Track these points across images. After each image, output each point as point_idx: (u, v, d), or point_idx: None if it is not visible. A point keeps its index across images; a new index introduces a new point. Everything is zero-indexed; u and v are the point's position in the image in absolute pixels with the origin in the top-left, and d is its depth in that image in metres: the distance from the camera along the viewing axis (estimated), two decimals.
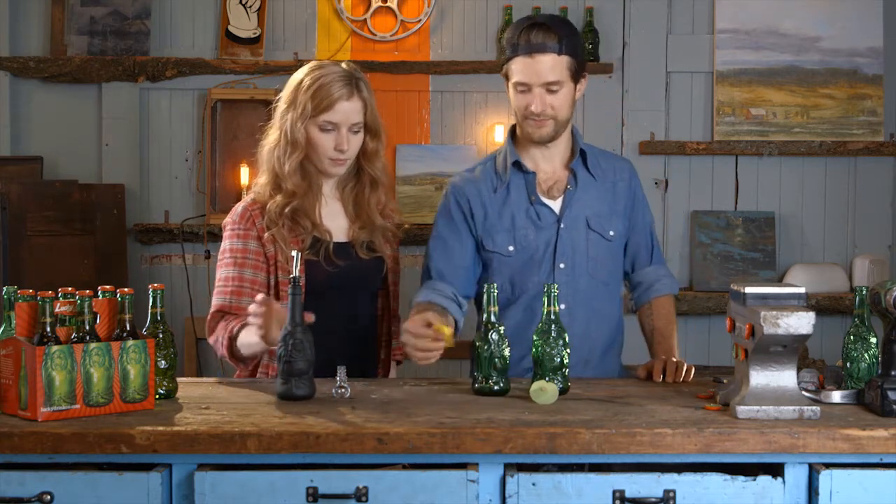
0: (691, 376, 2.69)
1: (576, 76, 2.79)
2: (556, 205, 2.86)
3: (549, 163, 2.88)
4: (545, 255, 2.83)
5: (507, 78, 2.82)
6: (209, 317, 2.73)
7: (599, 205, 2.87)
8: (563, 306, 2.77)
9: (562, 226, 2.83)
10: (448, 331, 2.50)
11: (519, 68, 2.76)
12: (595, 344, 2.87)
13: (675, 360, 2.70)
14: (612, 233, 2.88)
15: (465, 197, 2.88)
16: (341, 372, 2.44)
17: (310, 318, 2.40)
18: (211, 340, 2.73)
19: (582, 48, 2.83)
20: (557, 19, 2.83)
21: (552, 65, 2.74)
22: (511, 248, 2.84)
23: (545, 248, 2.83)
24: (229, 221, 2.78)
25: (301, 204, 2.74)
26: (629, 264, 2.97)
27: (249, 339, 2.54)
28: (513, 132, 2.92)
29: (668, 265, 3.07)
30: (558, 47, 2.74)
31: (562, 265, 2.83)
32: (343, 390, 2.43)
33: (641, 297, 2.97)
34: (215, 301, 2.74)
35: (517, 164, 2.86)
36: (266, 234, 2.73)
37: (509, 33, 2.80)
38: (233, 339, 2.63)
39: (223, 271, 2.74)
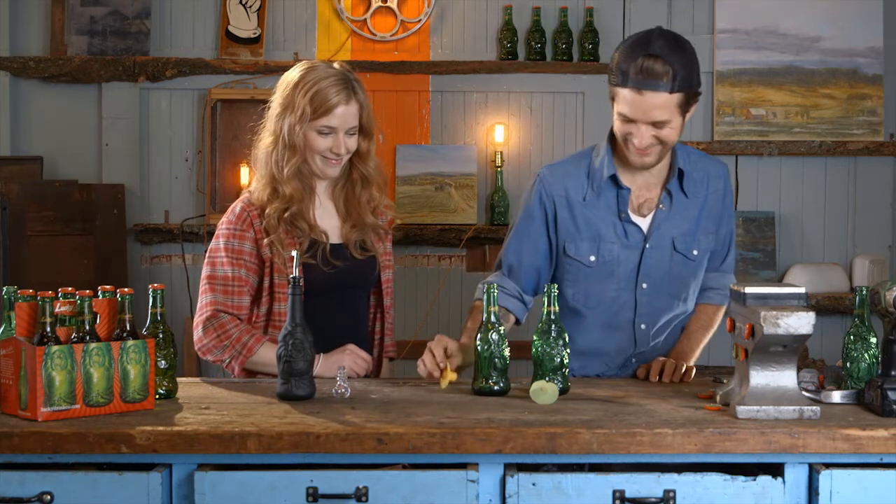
0: (691, 376, 2.69)
1: (687, 106, 2.64)
2: (644, 223, 2.75)
3: (646, 180, 2.76)
4: (628, 273, 2.75)
5: (611, 98, 2.66)
6: (206, 316, 2.72)
7: (687, 223, 2.77)
8: (643, 326, 2.77)
9: (647, 246, 2.75)
10: (452, 377, 2.53)
11: (626, 99, 2.60)
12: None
13: (674, 361, 2.70)
14: (695, 252, 2.78)
15: (552, 196, 2.77)
16: (341, 372, 2.45)
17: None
18: (206, 340, 2.71)
19: (696, 73, 2.62)
20: (674, 47, 2.58)
21: (662, 103, 2.57)
22: (593, 259, 2.75)
23: (629, 266, 2.75)
24: (225, 221, 2.78)
25: (298, 207, 2.74)
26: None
27: (270, 358, 2.60)
28: (612, 137, 2.76)
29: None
30: (671, 85, 2.56)
31: (644, 285, 2.76)
32: (343, 390, 2.43)
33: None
34: (211, 298, 2.73)
35: (613, 178, 2.74)
36: (265, 240, 2.73)
37: (620, 56, 2.61)
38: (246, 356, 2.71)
39: (220, 269, 2.74)
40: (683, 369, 2.68)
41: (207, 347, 2.71)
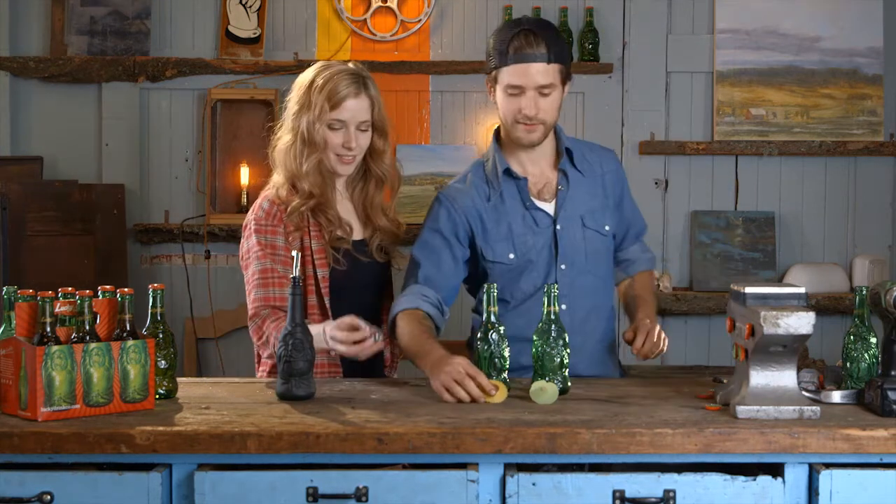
0: (664, 349, 2.71)
1: (564, 81, 2.81)
2: (549, 207, 2.85)
3: (536, 165, 2.88)
4: (546, 259, 2.83)
5: (494, 82, 2.80)
6: (249, 315, 2.71)
7: (591, 201, 2.88)
8: (563, 306, 2.78)
9: (558, 227, 2.83)
10: (504, 388, 2.42)
11: (510, 72, 2.75)
12: (596, 339, 2.87)
13: (655, 330, 2.70)
14: (607, 227, 2.89)
15: (462, 210, 2.85)
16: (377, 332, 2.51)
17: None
18: (253, 338, 2.71)
19: (568, 52, 2.83)
20: (543, 25, 2.80)
21: (544, 70, 2.74)
22: (511, 256, 2.83)
23: (545, 251, 2.83)
24: (253, 219, 2.78)
25: (320, 201, 2.76)
26: (622, 242, 3.01)
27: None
28: (497, 137, 2.92)
29: (664, 262, 3.07)
30: (547, 57, 2.73)
31: (563, 266, 2.83)
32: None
33: (627, 271, 3.02)
34: (257, 294, 2.71)
35: (508, 172, 2.85)
36: (292, 235, 2.73)
37: (496, 40, 2.78)
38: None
39: (261, 264, 2.73)
40: (664, 339, 2.71)
41: (256, 343, 2.74)
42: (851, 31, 4.77)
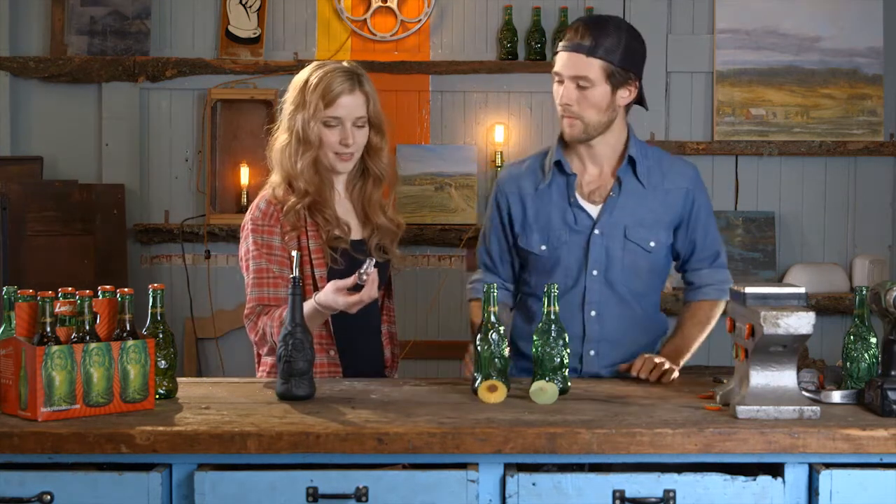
0: (670, 378, 2.65)
1: (613, 81, 2.75)
2: (594, 210, 2.81)
3: (594, 166, 2.84)
4: (577, 260, 2.80)
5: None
6: (248, 311, 2.72)
7: (643, 214, 2.81)
8: (593, 313, 2.78)
9: (595, 232, 2.79)
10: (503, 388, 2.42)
11: (556, 60, 2.79)
12: (627, 350, 2.80)
13: (657, 359, 2.66)
14: (652, 244, 2.81)
15: (505, 194, 2.90)
16: (370, 263, 2.51)
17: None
18: (251, 336, 2.71)
19: (623, 54, 2.75)
20: (599, 21, 2.79)
21: (583, 62, 2.72)
22: (543, 248, 2.82)
23: (576, 251, 2.80)
24: (250, 219, 2.78)
25: (316, 199, 2.75)
26: (688, 263, 2.92)
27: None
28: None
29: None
30: (588, 49, 2.72)
31: (594, 272, 2.79)
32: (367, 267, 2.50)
33: (687, 297, 2.95)
34: (252, 294, 2.73)
35: (558, 164, 2.84)
36: (289, 235, 2.73)
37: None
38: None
39: (256, 263, 2.73)
40: (665, 367, 2.64)
41: (253, 341, 2.74)
42: (851, 31, 4.77)
